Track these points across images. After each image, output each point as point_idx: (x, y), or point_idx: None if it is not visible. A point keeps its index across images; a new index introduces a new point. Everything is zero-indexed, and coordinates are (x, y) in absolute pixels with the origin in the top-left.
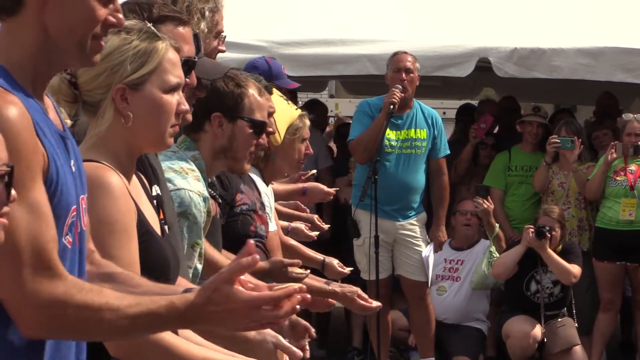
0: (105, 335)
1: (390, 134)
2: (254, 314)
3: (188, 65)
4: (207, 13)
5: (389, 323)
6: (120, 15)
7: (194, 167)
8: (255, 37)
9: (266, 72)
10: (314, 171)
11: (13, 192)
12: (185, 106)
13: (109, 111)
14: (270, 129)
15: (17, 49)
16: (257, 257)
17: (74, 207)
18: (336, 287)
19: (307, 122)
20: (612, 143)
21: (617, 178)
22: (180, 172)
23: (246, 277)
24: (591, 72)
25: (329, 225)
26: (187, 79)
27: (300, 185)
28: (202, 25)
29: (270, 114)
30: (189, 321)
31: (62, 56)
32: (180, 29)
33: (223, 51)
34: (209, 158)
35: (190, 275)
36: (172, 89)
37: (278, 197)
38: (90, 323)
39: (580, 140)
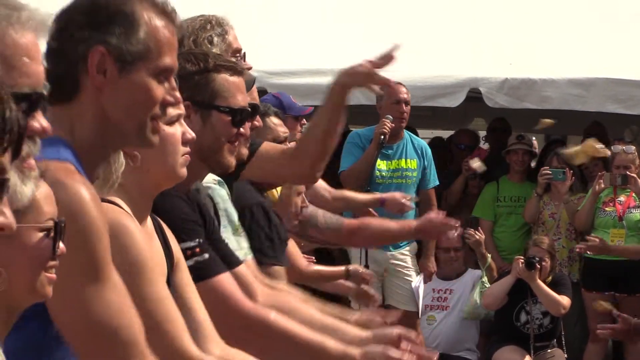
0: None
1: (381, 164)
2: None
3: (241, 116)
4: (215, 39)
5: None
6: (177, 94)
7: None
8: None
9: (277, 106)
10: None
11: (62, 245)
12: (191, 134)
13: (119, 155)
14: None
15: (78, 131)
16: None
17: None
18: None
19: None
20: (600, 173)
21: (606, 209)
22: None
23: None
24: (582, 102)
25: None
26: (242, 129)
27: (377, 195)
28: (215, 51)
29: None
30: None
31: (121, 138)
32: (235, 78)
33: (249, 67)
34: None
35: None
36: (172, 122)
37: (352, 206)
38: None
39: (572, 171)
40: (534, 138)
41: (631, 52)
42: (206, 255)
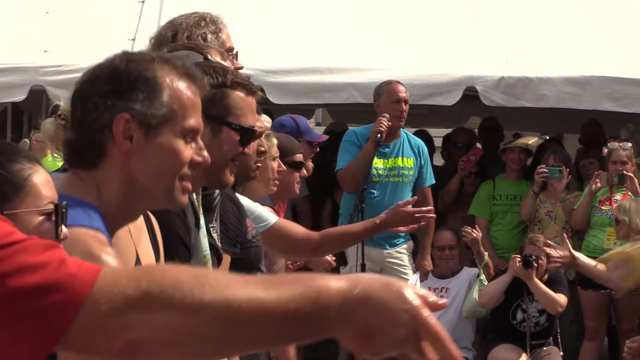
0: None
1: (378, 163)
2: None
3: (249, 136)
4: (209, 36)
5: None
6: (205, 153)
7: None
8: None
9: (294, 129)
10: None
11: (65, 229)
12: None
13: None
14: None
15: (105, 195)
16: None
17: None
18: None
19: (275, 141)
20: (597, 172)
21: (603, 207)
22: None
23: None
24: (578, 100)
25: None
26: (247, 148)
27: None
28: None
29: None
30: None
31: (148, 200)
32: (249, 98)
33: (241, 67)
34: None
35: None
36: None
37: None
38: None
39: (568, 169)
40: (546, 137)
41: (627, 51)
42: None
